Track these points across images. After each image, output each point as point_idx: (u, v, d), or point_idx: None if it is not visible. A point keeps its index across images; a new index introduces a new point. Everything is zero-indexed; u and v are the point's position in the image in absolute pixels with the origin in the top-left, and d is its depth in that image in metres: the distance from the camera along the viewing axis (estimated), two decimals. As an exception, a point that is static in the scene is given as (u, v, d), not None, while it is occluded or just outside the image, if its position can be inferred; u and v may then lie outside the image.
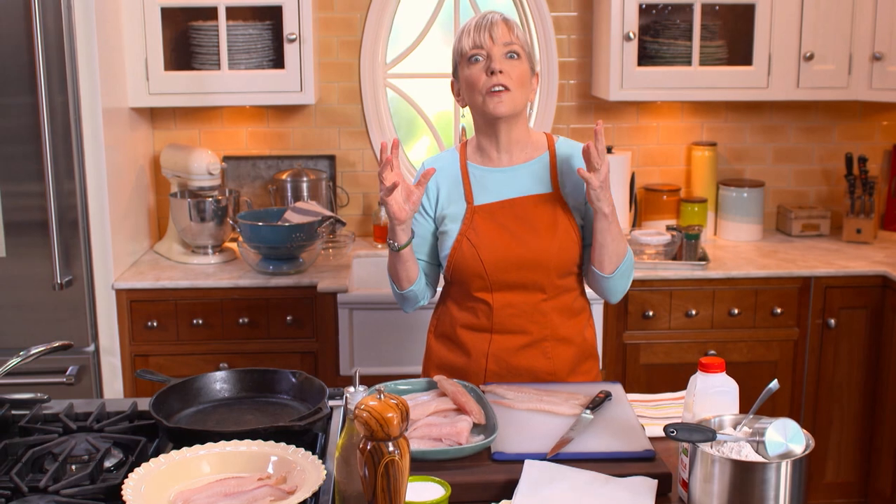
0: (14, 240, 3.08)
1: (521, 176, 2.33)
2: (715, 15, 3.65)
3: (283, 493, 1.69)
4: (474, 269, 2.29)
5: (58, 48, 2.99)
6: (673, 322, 3.37)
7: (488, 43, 2.25)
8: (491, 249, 2.28)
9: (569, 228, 2.30)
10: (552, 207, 2.30)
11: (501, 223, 2.30)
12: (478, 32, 2.26)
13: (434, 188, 2.37)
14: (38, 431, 1.96)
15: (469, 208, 2.31)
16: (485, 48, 2.26)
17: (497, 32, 2.26)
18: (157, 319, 3.26)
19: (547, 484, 1.72)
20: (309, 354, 3.31)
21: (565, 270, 2.31)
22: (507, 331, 2.31)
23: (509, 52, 2.26)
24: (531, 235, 2.28)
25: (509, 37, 2.26)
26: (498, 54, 2.25)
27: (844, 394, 3.46)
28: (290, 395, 2.11)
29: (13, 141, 3.02)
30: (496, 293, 2.30)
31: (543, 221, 2.29)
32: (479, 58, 2.27)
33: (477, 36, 2.26)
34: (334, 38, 3.77)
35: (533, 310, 2.31)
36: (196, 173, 3.45)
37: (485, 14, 2.30)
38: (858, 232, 3.72)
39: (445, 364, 2.39)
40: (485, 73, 2.25)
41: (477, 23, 2.28)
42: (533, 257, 2.27)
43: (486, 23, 2.27)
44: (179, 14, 3.53)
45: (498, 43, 2.25)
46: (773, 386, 1.70)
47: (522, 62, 2.28)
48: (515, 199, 2.31)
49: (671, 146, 3.91)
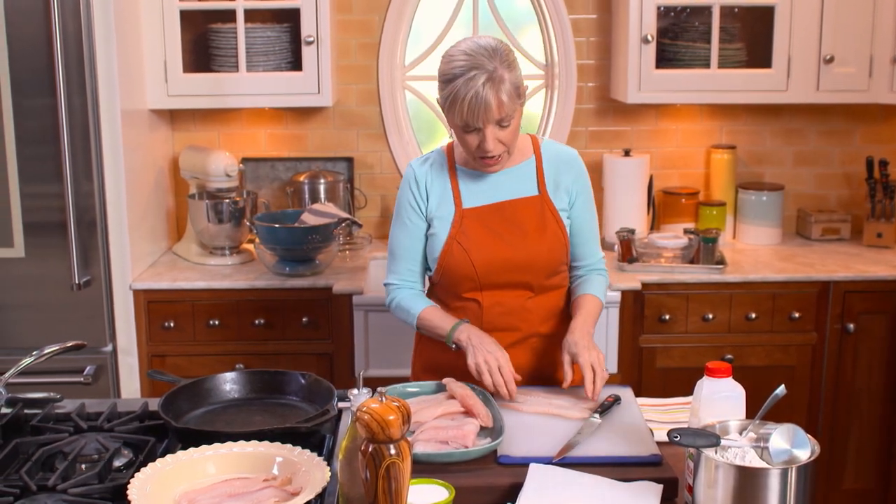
0: (33, 240, 3.11)
1: (508, 180, 2.34)
2: (734, 17, 3.62)
3: (287, 495, 1.70)
4: (465, 272, 2.31)
5: (77, 50, 3.02)
6: (690, 326, 3.35)
7: (484, 121, 2.16)
8: (481, 252, 2.30)
9: (556, 230, 2.32)
10: (540, 210, 2.32)
11: (490, 226, 2.31)
12: (471, 115, 2.15)
13: (424, 187, 2.36)
14: (50, 431, 1.98)
15: (458, 211, 2.32)
16: (478, 127, 2.18)
17: (491, 114, 2.15)
18: (174, 320, 3.29)
19: (552, 488, 1.72)
20: (324, 356, 3.32)
21: (553, 270, 2.35)
22: (497, 329, 2.32)
23: (502, 123, 2.19)
24: (520, 238, 2.30)
25: (503, 111, 2.16)
26: (491, 131, 2.18)
27: (863, 399, 3.43)
28: (299, 397, 2.12)
29: (32, 142, 3.05)
30: (486, 292, 2.33)
31: (532, 224, 2.31)
32: (471, 129, 2.20)
33: (470, 118, 2.15)
34: (352, 41, 3.78)
35: (521, 308, 2.34)
36: (214, 175, 3.47)
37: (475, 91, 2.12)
38: (879, 236, 3.69)
39: (434, 364, 2.40)
40: (477, 142, 2.21)
41: (470, 103, 2.13)
42: (522, 260, 2.30)
43: (478, 106, 2.13)
44: (198, 16, 3.56)
45: (491, 122, 2.17)
46: (779, 392, 1.69)
47: (514, 117, 2.20)
48: (503, 203, 2.32)
49: (690, 149, 3.89)
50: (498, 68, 2.13)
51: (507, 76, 2.14)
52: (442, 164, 2.38)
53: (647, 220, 3.76)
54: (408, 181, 2.38)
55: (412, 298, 2.38)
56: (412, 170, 2.39)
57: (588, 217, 2.39)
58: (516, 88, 2.17)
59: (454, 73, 2.15)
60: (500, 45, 2.19)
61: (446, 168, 2.37)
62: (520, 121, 2.24)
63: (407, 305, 2.37)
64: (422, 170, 2.38)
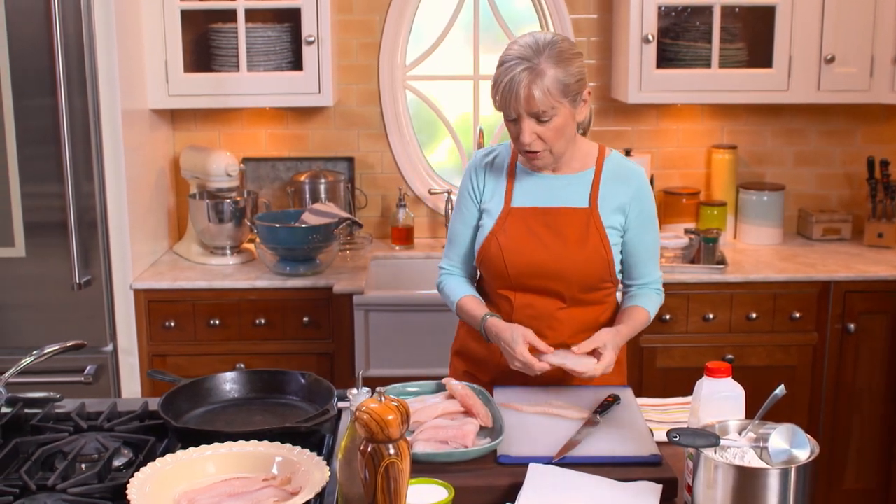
0: (34, 240, 3.11)
1: (563, 186, 2.31)
2: (735, 17, 3.62)
3: (287, 494, 1.69)
4: (498, 270, 2.32)
5: (77, 50, 3.02)
6: (690, 326, 3.35)
7: (516, 111, 2.16)
8: (516, 254, 2.29)
9: (598, 246, 2.28)
10: (585, 222, 2.28)
11: (532, 228, 2.30)
12: (503, 102, 2.16)
13: (482, 178, 2.38)
14: (50, 430, 1.98)
15: (505, 208, 2.33)
16: (513, 113, 2.17)
17: (520, 105, 2.14)
18: (174, 320, 3.29)
19: (551, 488, 1.72)
20: (325, 356, 3.32)
21: (589, 286, 2.31)
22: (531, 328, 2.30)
23: (541, 118, 2.16)
24: (559, 246, 2.28)
25: (535, 105, 2.13)
26: (527, 122, 2.16)
27: (864, 399, 3.42)
28: (299, 397, 2.12)
29: (33, 142, 3.05)
30: (518, 293, 2.32)
31: (574, 234, 2.28)
32: (510, 118, 2.20)
33: (503, 105, 2.17)
34: (353, 40, 3.78)
35: (550, 316, 2.31)
36: (214, 175, 3.47)
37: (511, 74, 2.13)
38: (880, 236, 3.68)
39: (466, 350, 2.45)
40: (517, 133, 2.20)
41: (503, 89, 2.15)
42: (556, 268, 2.27)
43: (510, 93, 2.13)
44: (199, 16, 3.56)
45: (525, 112, 2.15)
46: (778, 392, 1.69)
47: (558, 115, 2.16)
48: (550, 209, 2.30)
49: (691, 149, 3.89)
50: (542, 62, 2.12)
51: (551, 72, 2.12)
52: (504, 158, 2.38)
53: (647, 220, 3.75)
54: (469, 170, 2.41)
55: (455, 285, 2.41)
56: (475, 159, 2.41)
57: (645, 237, 2.34)
58: (563, 86, 2.13)
59: (502, 61, 2.17)
60: (558, 41, 2.17)
61: (507, 163, 2.36)
62: (569, 122, 2.19)
63: (449, 291, 2.41)
64: (483, 161, 2.39)
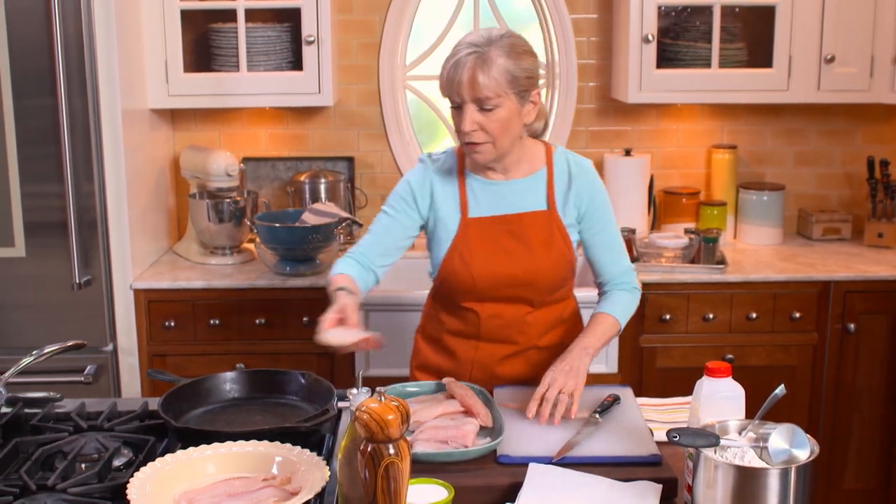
0: (34, 240, 3.11)
1: (517, 191, 2.27)
2: (735, 17, 3.62)
3: (286, 494, 1.70)
4: (465, 285, 2.27)
5: (77, 50, 3.02)
6: (690, 326, 3.35)
7: (459, 95, 2.10)
8: (483, 267, 2.25)
9: (562, 247, 2.26)
10: (547, 225, 2.26)
11: (495, 239, 2.26)
12: (448, 84, 2.11)
13: (428, 186, 2.30)
14: (50, 430, 1.98)
15: (463, 220, 2.27)
16: (457, 97, 2.12)
17: (464, 88, 2.08)
18: (174, 319, 3.29)
19: (551, 488, 1.72)
20: (324, 356, 3.31)
21: (555, 287, 2.30)
22: (494, 340, 2.31)
23: (483, 105, 2.10)
24: (525, 254, 2.25)
25: (479, 90, 2.07)
26: (470, 109, 2.11)
27: (864, 399, 3.42)
28: (298, 396, 2.13)
29: (33, 142, 3.05)
30: (485, 304, 2.29)
31: (538, 240, 2.25)
32: (454, 104, 2.14)
33: (447, 87, 2.12)
34: (353, 40, 3.78)
35: (520, 321, 2.30)
36: (214, 174, 3.47)
37: (457, 56, 2.10)
38: (880, 236, 3.68)
39: (431, 365, 2.40)
40: (459, 121, 2.14)
41: (449, 71, 2.11)
42: (525, 276, 2.25)
43: (456, 76, 2.09)
44: (199, 16, 3.56)
45: (468, 97, 2.10)
46: (778, 392, 1.69)
47: (502, 107, 2.11)
48: (510, 216, 2.26)
49: (691, 149, 3.89)
50: (493, 51, 2.08)
51: (500, 60, 2.08)
52: (452, 166, 2.31)
53: (647, 219, 3.76)
54: (413, 176, 2.33)
55: (344, 265, 2.29)
56: (422, 167, 2.33)
57: (602, 229, 2.30)
58: (511, 77, 2.09)
59: (453, 51, 2.13)
60: (510, 36, 2.14)
61: (455, 172, 2.31)
62: (514, 117, 2.14)
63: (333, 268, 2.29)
64: (430, 169, 2.32)
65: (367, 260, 2.31)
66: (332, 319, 2.06)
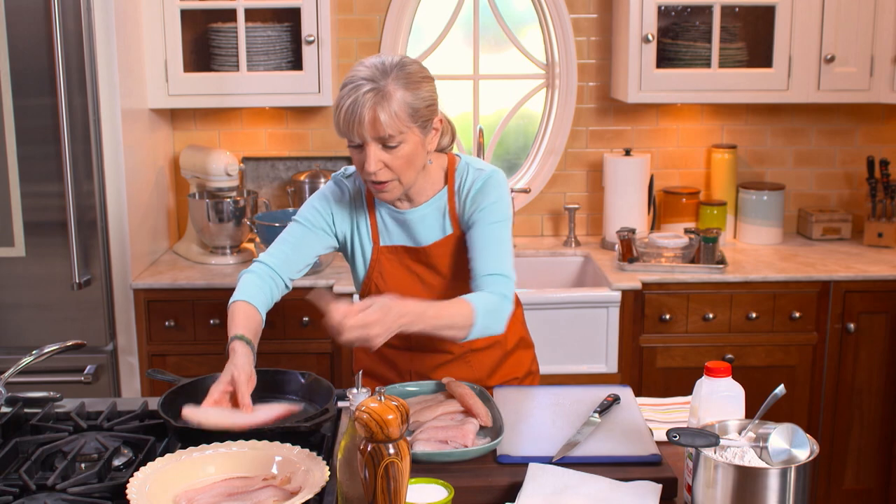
0: (33, 239, 3.11)
1: (423, 218, 2.20)
2: (734, 17, 3.62)
3: (286, 494, 1.70)
4: None
5: (77, 50, 3.02)
6: (690, 326, 3.35)
7: (360, 136, 2.00)
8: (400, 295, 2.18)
9: None
10: (457, 248, 2.19)
11: (408, 267, 2.22)
12: (346, 126, 2.00)
13: (338, 209, 2.24)
14: (49, 430, 1.98)
15: (375, 248, 2.23)
16: (357, 138, 2.01)
17: (365, 129, 1.98)
18: (174, 319, 3.29)
19: (551, 488, 1.72)
20: (325, 355, 3.32)
21: None
22: (428, 350, 2.28)
23: (387, 143, 2.01)
24: (440, 281, 2.21)
25: (381, 129, 1.98)
26: (373, 149, 2.01)
27: (864, 399, 3.42)
28: (298, 396, 2.13)
29: (33, 142, 3.05)
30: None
31: (451, 266, 2.21)
32: (353, 144, 2.04)
33: (347, 126, 2.00)
34: (353, 40, 3.78)
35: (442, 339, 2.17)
36: (214, 174, 3.47)
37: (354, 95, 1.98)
38: (880, 236, 3.68)
39: (375, 374, 2.37)
40: (362, 162, 2.04)
41: (345, 112, 1.99)
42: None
43: (352, 117, 1.98)
44: (199, 16, 3.56)
45: (370, 137, 2.00)
46: (778, 391, 1.69)
47: (406, 142, 2.03)
48: (420, 248, 2.21)
49: (691, 149, 3.89)
50: (390, 84, 1.98)
51: (399, 94, 1.98)
52: (361, 191, 2.24)
53: (647, 219, 3.76)
54: (329, 194, 2.25)
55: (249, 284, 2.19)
56: (337, 189, 2.25)
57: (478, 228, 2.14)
58: (411, 110, 2.00)
59: (345, 82, 2.02)
60: (407, 63, 2.04)
61: (365, 198, 2.24)
62: (418, 150, 2.06)
63: (238, 287, 2.20)
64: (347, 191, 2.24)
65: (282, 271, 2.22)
66: (220, 392, 1.90)
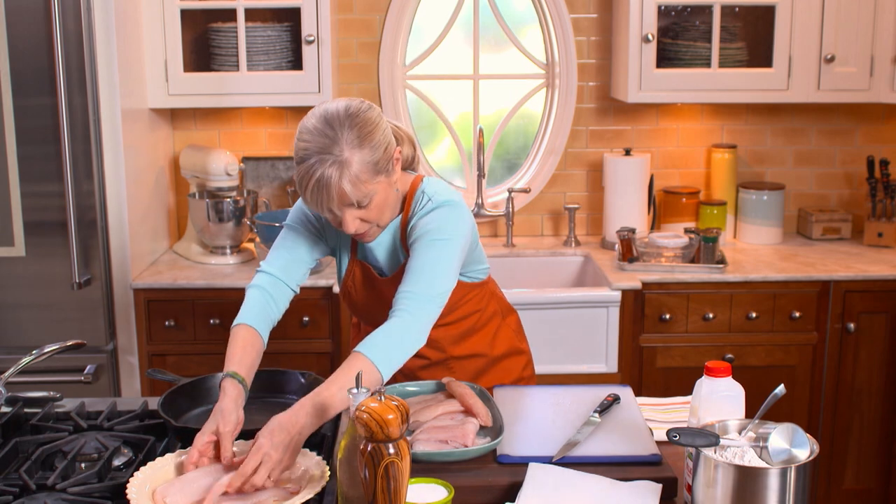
0: (33, 239, 3.11)
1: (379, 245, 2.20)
2: (735, 16, 3.62)
3: (286, 494, 1.70)
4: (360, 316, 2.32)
5: (77, 50, 3.02)
6: (690, 325, 3.35)
7: (331, 211, 2.00)
8: (367, 309, 2.27)
9: None
10: None
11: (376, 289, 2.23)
12: (318, 202, 1.97)
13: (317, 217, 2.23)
14: (49, 429, 1.98)
15: (352, 259, 2.25)
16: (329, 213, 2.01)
17: (334, 203, 1.97)
18: (174, 319, 3.29)
19: (551, 487, 1.72)
20: (324, 355, 3.32)
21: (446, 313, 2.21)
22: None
23: (360, 204, 2.00)
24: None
25: (349, 198, 1.96)
26: (348, 214, 2.00)
27: (864, 399, 3.42)
28: (298, 396, 2.12)
29: (33, 141, 3.05)
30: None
31: None
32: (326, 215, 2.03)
33: (318, 204, 1.98)
34: (353, 40, 3.78)
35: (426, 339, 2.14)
36: (214, 174, 3.47)
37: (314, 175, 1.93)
38: (880, 236, 3.68)
39: None
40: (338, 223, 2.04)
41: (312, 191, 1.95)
42: None
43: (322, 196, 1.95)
44: (199, 16, 3.56)
45: (342, 207, 1.99)
46: (778, 391, 1.69)
47: (377, 193, 2.01)
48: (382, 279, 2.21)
49: (691, 148, 3.89)
50: (345, 150, 1.93)
51: (356, 157, 1.94)
52: None
53: (647, 219, 3.76)
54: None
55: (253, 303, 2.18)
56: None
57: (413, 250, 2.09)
58: (373, 166, 1.97)
59: (300, 157, 1.96)
60: (352, 116, 1.97)
61: None
62: (388, 191, 2.04)
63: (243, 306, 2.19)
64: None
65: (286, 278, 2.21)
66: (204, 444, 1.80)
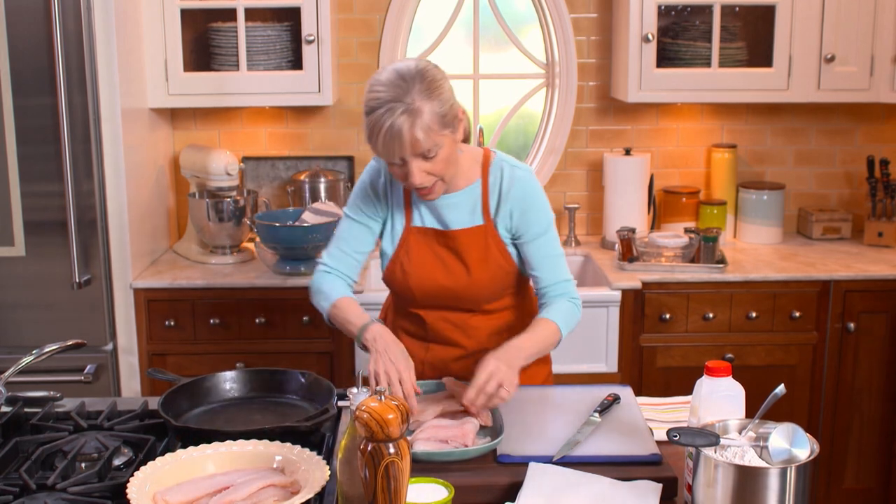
0: (33, 239, 3.11)
1: (454, 205, 2.26)
2: (735, 16, 3.62)
3: (286, 493, 1.70)
4: (405, 294, 2.32)
5: (77, 49, 3.02)
6: (690, 325, 3.35)
7: (401, 157, 2.06)
8: (421, 279, 2.27)
9: (500, 260, 2.26)
10: (483, 240, 2.25)
11: (434, 250, 2.27)
12: (386, 150, 2.05)
13: (388, 189, 2.30)
14: (50, 429, 1.98)
15: (406, 228, 2.29)
16: (399, 160, 2.08)
17: (405, 149, 2.04)
18: (174, 319, 3.29)
19: (551, 487, 1.72)
20: (325, 355, 3.32)
21: (494, 298, 2.31)
22: (444, 342, 2.33)
23: (427, 156, 2.07)
24: (461, 270, 2.26)
25: (420, 146, 2.04)
26: (416, 164, 2.07)
27: (864, 399, 3.42)
28: (298, 396, 2.13)
29: (33, 141, 3.05)
30: (429, 311, 2.31)
31: (474, 255, 2.25)
32: (396, 163, 2.09)
33: (388, 150, 2.05)
34: (353, 39, 3.78)
35: (466, 324, 2.32)
36: (214, 174, 3.47)
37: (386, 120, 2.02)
38: (880, 235, 3.68)
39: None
40: (403, 174, 2.11)
41: (384, 137, 2.03)
42: (461, 290, 2.26)
43: (392, 141, 2.03)
44: (199, 15, 3.56)
45: (411, 155, 2.06)
46: (778, 391, 1.69)
47: (443, 147, 2.08)
48: (448, 232, 2.26)
49: (691, 148, 3.89)
50: (416, 99, 2.02)
51: (426, 107, 2.02)
52: None
53: (647, 219, 3.76)
54: (370, 177, 2.31)
55: (334, 285, 2.30)
56: (377, 166, 2.32)
57: (534, 239, 2.25)
58: (441, 118, 2.05)
59: (372, 107, 2.05)
60: (422, 71, 2.06)
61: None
62: (453, 148, 2.12)
63: (327, 290, 2.29)
64: (385, 170, 2.29)
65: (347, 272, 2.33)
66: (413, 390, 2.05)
